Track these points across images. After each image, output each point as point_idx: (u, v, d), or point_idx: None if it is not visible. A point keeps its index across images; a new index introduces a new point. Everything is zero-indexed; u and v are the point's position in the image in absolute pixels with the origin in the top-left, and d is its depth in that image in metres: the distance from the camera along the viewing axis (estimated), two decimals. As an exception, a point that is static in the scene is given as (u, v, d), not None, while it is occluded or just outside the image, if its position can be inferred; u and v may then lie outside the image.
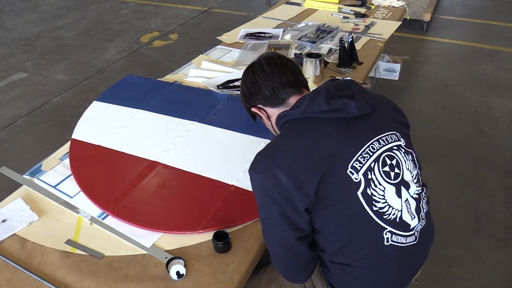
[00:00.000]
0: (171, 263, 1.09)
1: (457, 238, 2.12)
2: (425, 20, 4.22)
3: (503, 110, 3.08)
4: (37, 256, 1.15)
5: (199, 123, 1.64)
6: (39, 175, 1.41)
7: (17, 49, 4.40)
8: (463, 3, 5.04)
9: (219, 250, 1.14)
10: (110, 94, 1.87)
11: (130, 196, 1.31)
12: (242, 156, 1.46)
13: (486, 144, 2.75)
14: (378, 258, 1.06)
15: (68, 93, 3.56)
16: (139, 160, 1.46)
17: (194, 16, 5.05)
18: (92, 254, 1.15)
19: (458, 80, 3.38)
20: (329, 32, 2.38)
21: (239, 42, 2.38)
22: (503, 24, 4.46)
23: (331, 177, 0.99)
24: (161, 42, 4.41)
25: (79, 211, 1.28)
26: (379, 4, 2.89)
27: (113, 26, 4.87)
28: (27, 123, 3.19)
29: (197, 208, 1.26)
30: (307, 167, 0.99)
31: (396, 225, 1.04)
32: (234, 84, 1.90)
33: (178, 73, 2.07)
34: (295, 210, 1.00)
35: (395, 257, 1.07)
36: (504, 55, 3.84)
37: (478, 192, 2.39)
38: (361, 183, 1.00)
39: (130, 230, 1.21)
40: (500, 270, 1.97)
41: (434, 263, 1.99)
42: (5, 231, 1.21)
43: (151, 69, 3.85)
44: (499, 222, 2.21)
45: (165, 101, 1.78)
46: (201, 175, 1.38)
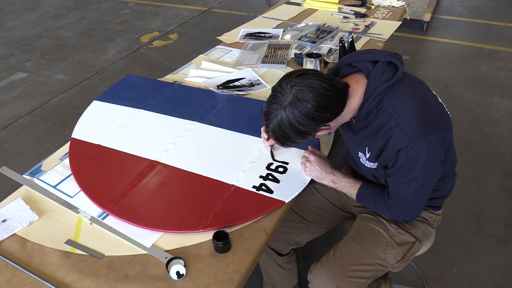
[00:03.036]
0: (171, 263, 1.09)
1: (457, 238, 2.12)
2: (425, 20, 4.22)
3: (503, 110, 3.08)
4: (37, 256, 1.15)
5: (199, 123, 1.64)
6: (39, 175, 1.41)
7: (17, 49, 4.41)
8: (463, 3, 5.04)
9: (219, 250, 1.13)
10: (110, 93, 1.86)
11: (130, 196, 1.31)
12: (242, 156, 1.46)
13: (486, 144, 2.75)
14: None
15: (68, 93, 3.56)
16: (139, 159, 1.46)
17: (194, 16, 5.05)
18: (92, 254, 1.15)
19: (458, 80, 3.38)
20: (329, 32, 2.38)
21: (239, 42, 2.38)
22: (503, 24, 4.46)
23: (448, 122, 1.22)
24: (161, 42, 4.41)
25: (79, 211, 1.28)
26: (379, 4, 2.89)
27: (113, 26, 4.87)
28: (27, 123, 3.19)
29: (197, 208, 1.26)
30: (440, 116, 1.19)
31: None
32: (234, 84, 1.90)
33: (178, 73, 2.07)
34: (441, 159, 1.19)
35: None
36: (504, 55, 3.84)
37: (478, 192, 2.39)
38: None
39: (130, 230, 1.21)
40: (500, 270, 1.97)
41: (434, 263, 1.99)
42: (5, 231, 1.21)
43: (151, 69, 3.85)
44: (499, 222, 2.21)
45: (165, 101, 1.78)
46: (201, 175, 1.38)
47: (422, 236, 1.40)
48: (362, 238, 1.36)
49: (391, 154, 1.15)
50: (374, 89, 1.13)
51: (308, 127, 1.10)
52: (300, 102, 1.07)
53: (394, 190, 1.24)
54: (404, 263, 1.38)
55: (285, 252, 1.63)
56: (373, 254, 1.33)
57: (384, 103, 1.14)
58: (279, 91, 1.11)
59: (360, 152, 1.29)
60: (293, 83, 1.10)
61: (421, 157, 1.12)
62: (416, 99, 1.16)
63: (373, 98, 1.14)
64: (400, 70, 1.15)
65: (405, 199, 1.23)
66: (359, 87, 1.15)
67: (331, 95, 1.09)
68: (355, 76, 1.18)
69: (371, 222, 1.39)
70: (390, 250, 1.34)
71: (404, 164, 1.14)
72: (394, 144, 1.13)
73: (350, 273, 1.30)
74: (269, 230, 1.21)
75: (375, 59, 1.17)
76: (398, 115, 1.12)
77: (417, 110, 1.13)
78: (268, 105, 1.15)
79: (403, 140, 1.11)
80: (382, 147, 1.17)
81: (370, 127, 1.19)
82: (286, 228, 1.54)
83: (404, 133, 1.10)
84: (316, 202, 1.56)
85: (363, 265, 1.32)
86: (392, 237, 1.35)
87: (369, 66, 1.17)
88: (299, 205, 1.54)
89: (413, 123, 1.11)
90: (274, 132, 1.15)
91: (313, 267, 1.36)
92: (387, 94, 1.14)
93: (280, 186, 1.33)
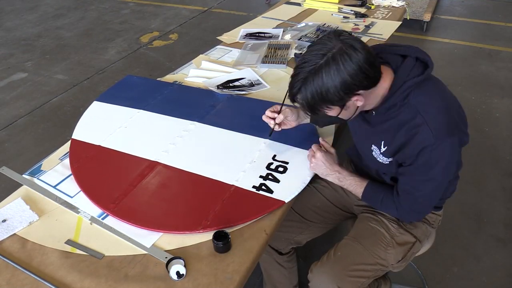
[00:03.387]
0: (171, 263, 1.09)
1: (457, 238, 2.12)
2: (425, 20, 4.22)
3: (503, 110, 3.08)
4: (37, 256, 1.15)
5: (199, 123, 1.64)
6: (39, 175, 1.41)
7: (17, 49, 4.41)
8: (463, 3, 5.04)
9: (219, 250, 1.13)
10: (110, 94, 1.86)
11: (130, 196, 1.31)
12: (242, 156, 1.46)
13: (486, 144, 2.75)
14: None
15: (68, 93, 3.56)
16: (139, 160, 1.46)
17: (194, 16, 5.05)
18: (92, 254, 1.15)
19: (458, 80, 3.38)
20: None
21: (239, 42, 2.38)
22: (503, 24, 4.46)
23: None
24: (161, 42, 4.41)
25: (79, 211, 1.28)
26: (379, 4, 2.89)
27: (113, 26, 4.87)
28: (27, 123, 3.19)
29: (197, 208, 1.26)
30: (462, 119, 1.19)
31: None
32: (234, 84, 1.90)
33: (178, 73, 2.07)
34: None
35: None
36: (504, 55, 3.84)
37: (478, 192, 2.39)
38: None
39: (130, 230, 1.21)
40: (500, 270, 1.97)
41: (434, 263, 1.99)
42: (5, 231, 1.21)
43: (151, 69, 3.85)
44: (499, 222, 2.21)
45: (165, 101, 1.78)
46: (201, 175, 1.38)
47: (422, 236, 1.40)
48: (363, 238, 1.36)
49: (414, 151, 1.13)
50: (402, 83, 1.11)
51: (355, 79, 1.01)
52: (353, 50, 1.00)
53: (407, 188, 1.23)
54: (405, 263, 1.38)
55: (285, 251, 1.63)
56: (374, 254, 1.33)
57: (411, 99, 1.12)
58: (323, 41, 1.02)
59: (374, 145, 1.27)
60: (340, 33, 1.04)
61: (443, 157, 1.12)
62: (444, 99, 1.15)
63: (401, 92, 1.11)
64: (430, 67, 1.14)
65: (418, 198, 1.22)
66: (386, 78, 1.12)
67: (375, 59, 1.05)
68: (382, 67, 1.12)
69: (372, 222, 1.39)
70: (391, 250, 1.34)
71: (426, 162, 1.13)
72: (419, 141, 1.11)
73: (350, 273, 1.30)
74: (269, 230, 1.21)
75: (404, 54, 1.16)
76: (426, 112, 1.10)
77: (444, 109, 1.12)
78: (306, 55, 1.03)
79: (429, 138, 1.09)
80: (404, 142, 1.15)
81: (392, 121, 1.17)
82: (286, 227, 1.54)
83: (431, 131, 1.09)
84: (316, 202, 1.56)
85: (364, 265, 1.32)
86: (393, 237, 1.35)
87: (398, 60, 1.15)
88: (299, 205, 1.54)
89: (440, 123, 1.10)
90: (311, 89, 1.02)
91: (313, 266, 1.36)
92: (415, 90, 1.12)
93: (280, 186, 1.33)
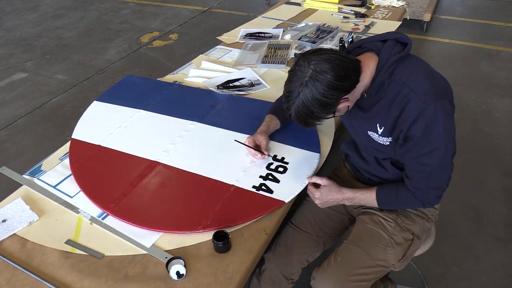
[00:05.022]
0: (171, 263, 1.09)
1: (457, 238, 2.12)
2: (425, 20, 4.21)
3: (503, 110, 3.08)
4: (37, 256, 1.15)
5: (199, 123, 1.64)
6: (39, 175, 1.41)
7: (17, 49, 4.41)
8: (463, 3, 5.04)
9: (219, 250, 1.13)
10: (110, 94, 1.87)
11: (130, 196, 1.31)
12: (242, 156, 1.46)
13: (486, 144, 2.75)
14: None
15: (68, 93, 3.56)
16: (139, 160, 1.46)
17: (194, 16, 5.05)
18: (92, 254, 1.15)
19: (458, 80, 3.38)
20: (329, 32, 2.38)
21: (239, 42, 2.38)
22: (503, 24, 4.46)
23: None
24: (161, 42, 4.41)
25: (79, 211, 1.28)
26: (379, 4, 2.89)
27: (113, 26, 4.87)
28: (27, 123, 3.19)
29: (197, 208, 1.26)
30: (448, 89, 1.21)
31: None
32: (234, 84, 1.90)
33: (178, 73, 2.07)
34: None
35: None
36: (504, 55, 3.84)
37: (478, 192, 2.39)
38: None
39: (130, 230, 1.21)
40: (500, 270, 1.97)
41: (434, 263, 1.99)
42: (5, 231, 1.21)
43: (151, 69, 3.85)
44: (499, 222, 2.21)
45: (165, 101, 1.78)
46: (201, 175, 1.38)
47: (421, 232, 1.40)
48: (361, 241, 1.36)
49: (407, 121, 1.16)
50: (386, 61, 1.18)
51: (330, 98, 1.12)
52: (320, 74, 1.10)
53: (415, 168, 1.23)
54: (406, 261, 1.38)
55: (296, 277, 1.49)
56: (374, 256, 1.32)
57: (396, 74, 1.18)
58: (297, 69, 1.14)
59: (369, 131, 1.29)
60: (310, 59, 1.13)
61: (439, 121, 1.14)
62: (427, 69, 1.21)
63: (385, 69, 1.17)
64: (409, 44, 1.20)
65: (431, 174, 1.22)
66: (371, 62, 1.19)
67: (347, 65, 1.13)
68: (366, 54, 1.22)
69: (370, 223, 1.38)
70: (391, 250, 1.34)
71: (423, 132, 1.15)
72: (410, 109, 1.15)
73: (353, 277, 1.30)
74: (269, 230, 1.21)
75: (384, 39, 1.23)
76: (411, 82, 1.16)
77: (428, 78, 1.18)
78: (288, 85, 1.16)
79: (418, 104, 1.13)
80: (398, 115, 1.18)
81: (382, 101, 1.21)
82: (297, 249, 1.47)
83: (419, 97, 1.13)
84: (320, 214, 1.51)
85: (365, 268, 1.32)
86: (392, 237, 1.35)
87: (379, 45, 1.22)
88: (306, 223, 1.49)
89: (427, 89, 1.15)
90: (297, 112, 1.16)
91: (315, 273, 1.35)
92: (399, 65, 1.18)
93: (280, 186, 1.33)
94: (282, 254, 1.45)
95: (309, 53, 1.16)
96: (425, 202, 1.30)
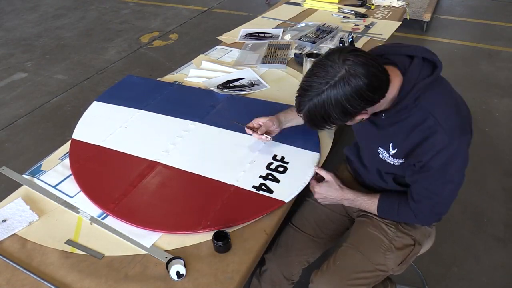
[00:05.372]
0: (171, 263, 1.09)
1: (457, 238, 2.12)
2: (425, 20, 4.21)
3: (503, 110, 3.08)
4: (37, 256, 1.15)
5: (199, 123, 1.64)
6: (39, 175, 1.41)
7: (17, 49, 4.41)
8: (463, 3, 5.04)
9: (219, 250, 1.13)
10: (110, 94, 1.86)
11: (130, 196, 1.31)
12: (242, 156, 1.46)
13: (486, 144, 2.75)
14: None
15: (68, 93, 3.56)
16: (139, 160, 1.46)
17: (194, 16, 5.05)
18: (92, 254, 1.15)
19: (458, 80, 3.38)
20: (329, 32, 2.38)
21: (239, 42, 2.38)
22: (503, 24, 4.46)
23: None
24: (161, 42, 4.41)
25: (79, 211, 1.28)
26: (379, 4, 2.89)
27: (113, 26, 4.87)
28: (27, 123, 3.19)
29: (197, 208, 1.26)
30: (470, 118, 1.19)
31: None
32: (234, 84, 1.90)
33: (178, 73, 2.07)
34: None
35: None
36: (504, 55, 3.84)
37: (478, 192, 2.39)
38: None
39: (130, 230, 1.21)
40: (500, 270, 1.97)
41: (434, 263, 1.99)
42: (5, 231, 1.21)
43: (151, 69, 3.85)
44: (499, 222, 2.21)
45: (165, 101, 1.78)
46: (201, 175, 1.38)
47: (422, 237, 1.39)
48: (361, 244, 1.34)
49: (428, 153, 1.12)
50: (413, 85, 1.09)
51: (355, 107, 1.02)
52: (354, 78, 0.99)
53: (425, 194, 1.21)
54: (405, 265, 1.37)
55: (297, 278, 1.50)
56: (373, 261, 1.31)
57: (422, 100, 1.11)
58: (329, 65, 1.01)
59: (381, 147, 1.25)
60: (346, 57, 1.00)
61: (459, 157, 1.12)
62: (454, 99, 1.16)
63: (412, 94, 1.09)
64: (439, 67, 1.13)
65: (438, 202, 1.21)
66: (395, 79, 1.09)
67: (382, 76, 1.04)
68: (389, 68, 1.10)
69: (370, 227, 1.37)
70: (390, 255, 1.33)
71: (442, 165, 1.12)
72: (433, 142, 1.10)
73: (351, 282, 1.29)
74: (269, 230, 1.21)
75: (411, 54, 1.14)
76: (438, 114, 1.10)
77: (455, 110, 1.13)
78: (310, 78, 1.04)
79: (444, 139, 1.09)
80: (418, 143, 1.13)
81: (402, 123, 1.15)
82: (297, 250, 1.47)
83: (445, 132, 1.09)
84: (320, 215, 1.51)
85: (364, 272, 1.31)
86: (392, 241, 1.34)
87: (406, 61, 1.12)
88: (307, 224, 1.49)
89: (453, 123, 1.10)
90: (312, 111, 1.05)
91: (313, 276, 1.34)
92: (425, 91, 1.11)
93: (280, 186, 1.33)
94: (282, 254, 1.45)
95: (347, 50, 1.03)
96: (424, 223, 1.32)
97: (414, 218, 1.28)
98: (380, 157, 1.27)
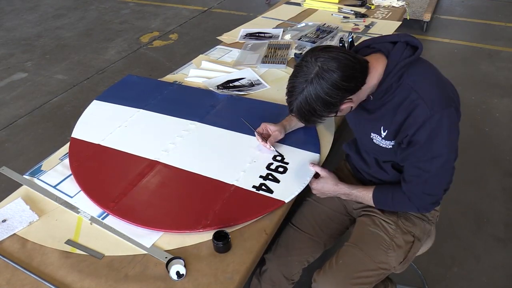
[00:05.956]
0: (171, 263, 1.09)
1: (457, 238, 2.12)
2: (425, 20, 4.22)
3: (503, 110, 3.08)
4: (37, 256, 1.15)
5: (199, 123, 1.64)
6: (39, 175, 1.41)
7: (17, 49, 4.41)
8: (463, 3, 5.04)
9: (219, 250, 1.13)
10: (110, 93, 1.86)
11: (130, 195, 1.31)
12: (242, 156, 1.46)
13: (486, 144, 2.75)
14: None
15: (68, 93, 3.56)
16: (139, 159, 1.46)
17: (194, 16, 5.05)
18: (92, 254, 1.15)
19: (458, 80, 3.38)
20: (329, 32, 2.38)
21: (239, 42, 2.38)
22: (503, 24, 4.46)
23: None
24: (161, 42, 4.41)
25: (79, 211, 1.28)
26: (379, 4, 2.89)
27: (113, 26, 4.87)
28: (27, 123, 3.19)
29: (197, 208, 1.26)
30: (456, 96, 1.20)
31: None
32: (234, 84, 1.90)
33: (178, 73, 2.07)
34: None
35: None
36: (504, 55, 3.84)
37: (478, 192, 2.39)
38: None
39: (130, 230, 1.21)
40: (500, 270, 1.97)
41: (434, 263, 1.99)
42: (5, 231, 1.21)
43: (151, 69, 3.85)
44: (499, 222, 2.21)
45: (165, 101, 1.78)
46: (201, 174, 1.38)
47: (421, 234, 1.40)
48: (363, 243, 1.35)
49: (413, 127, 1.15)
50: (395, 65, 1.15)
51: (335, 98, 1.10)
52: (327, 72, 1.08)
53: (414, 172, 1.23)
54: (407, 263, 1.38)
55: (297, 277, 1.50)
56: (375, 259, 1.32)
57: (405, 79, 1.16)
58: (304, 65, 1.11)
59: (373, 133, 1.29)
60: (318, 55, 1.10)
61: (443, 129, 1.13)
62: (436, 75, 1.20)
63: (394, 73, 1.15)
64: (420, 48, 1.18)
65: (428, 180, 1.22)
66: (379, 64, 1.17)
67: (355, 65, 1.11)
68: (374, 55, 1.19)
69: (371, 226, 1.38)
70: (392, 253, 1.33)
71: (427, 138, 1.14)
72: (416, 115, 1.14)
73: (354, 280, 1.29)
74: (269, 230, 1.21)
75: (394, 40, 1.21)
76: (420, 88, 1.14)
77: (437, 85, 1.17)
78: (292, 80, 1.14)
79: (425, 111, 1.12)
80: (403, 120, 1.17)
81: (388, 105, 1.20)
82: (297, 250, 1.47)
83: (426, 104, 1.12)
84: (320, 214, 1.51)
85: (366, 271, 1.31)
86: (393, 239, 1.34)
87: (389, 46, 1.20)
88: (306, 223, 1.49)
89: (435, 96, 1.13)
90: (299, 108, 1.14)
91: (316, 275, 1.35)
92: (407, 70, 1.16)
93: (280, 186, 1.33)
94: (282, 254, 1.45)
95: (318, 49, 1.13)
96: (419, 207, 1.31)
97: (409, 201, 1.28)
98: (374, 142, 1.30)
